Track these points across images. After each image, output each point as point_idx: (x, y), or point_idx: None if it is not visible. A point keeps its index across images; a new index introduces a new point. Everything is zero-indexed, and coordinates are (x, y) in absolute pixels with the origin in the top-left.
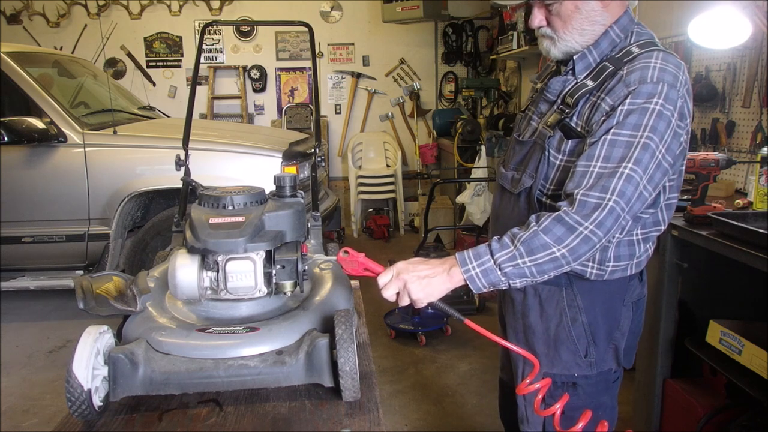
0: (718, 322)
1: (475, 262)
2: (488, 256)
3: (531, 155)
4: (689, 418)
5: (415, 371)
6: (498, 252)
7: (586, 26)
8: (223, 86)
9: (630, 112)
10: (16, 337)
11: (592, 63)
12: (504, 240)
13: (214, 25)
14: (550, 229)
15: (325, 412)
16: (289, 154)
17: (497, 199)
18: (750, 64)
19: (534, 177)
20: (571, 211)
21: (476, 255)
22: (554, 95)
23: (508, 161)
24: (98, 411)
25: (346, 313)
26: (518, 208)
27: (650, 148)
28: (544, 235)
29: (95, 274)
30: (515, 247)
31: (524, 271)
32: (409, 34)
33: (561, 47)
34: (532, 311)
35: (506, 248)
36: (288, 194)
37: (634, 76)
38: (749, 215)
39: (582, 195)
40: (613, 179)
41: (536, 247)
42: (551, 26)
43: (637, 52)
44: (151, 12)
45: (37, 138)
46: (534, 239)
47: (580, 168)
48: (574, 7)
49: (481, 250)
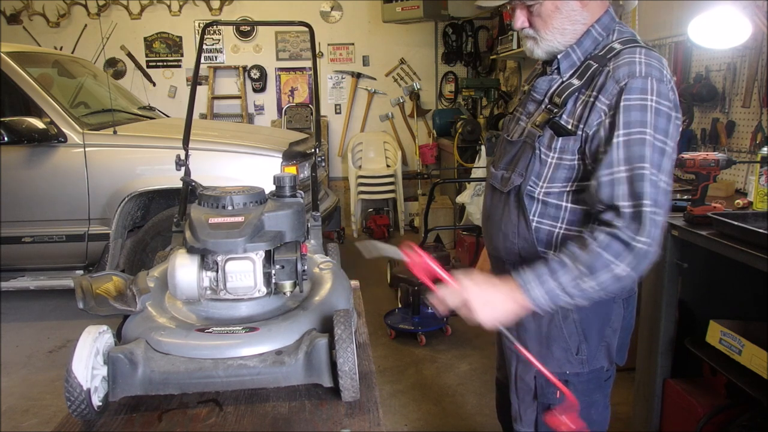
0: (718, 322)
1: (539, 286)
2: (550, 278)
3: (521, 154)
4: (689, 418)
5: (415, 371)
6: (560, 274)
7: (566, 26)
8: (223, 86)
9: (630, 108)
10: (16, 337)
11: (576, 61)
12: (563, 259)
13: (214, 25)
14: (612, 248)
15: (324, 412)
16: (289, 154)
17: (488, 198)
18: (750, 64)
19: (524, 175)
20: (623, 227)
21: (538, 277)
22: (541, 95)
23: (498, 161)
24: (98, 411)
25: (345, 313)
26: (508, 207)
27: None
28: (606, 254)
29: (95, 274)
30: (577, 268)
31: (588, 291)
32: (409, 34)
33: (544, 47)
34: None
35: (567, 269)
36: (288, 194)
37: (622, 71)
38: (749, 215)
39: (628, 207)
40: (642, 183)
41: (599, 269)
42: (533, 27)
43: (620, 48)
44: (151, 12)
45: (37, 138)
46: (597, 261)
47: (605, 177)
48: (554, 8)
49: (541, 271)
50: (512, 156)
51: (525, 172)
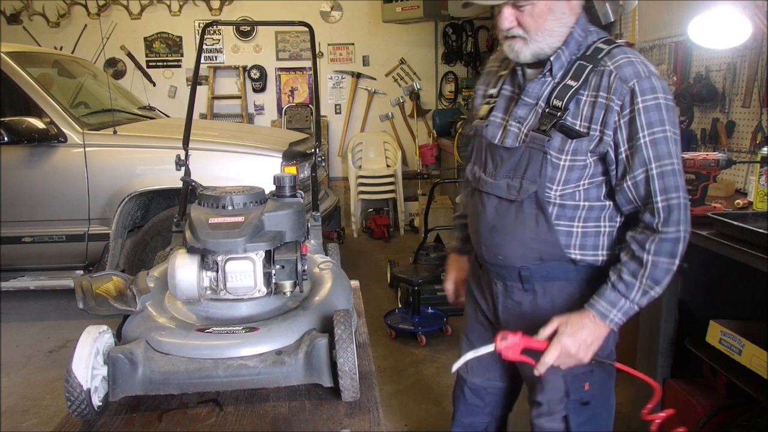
0: (718, 322)
1: (616, 311)
2: (624, 300)
3: (529, 161)
4: (689, 418)
5: (415, 371)
6: (630, 293)
7: (556, 27)
8: (223, 86)
9: (648, 109)
10: (16, 337)
11: (564, 63)
12: (625, 278)
13: (214, 25)
14: (663, 251)
15: (324, 412)
16: (289, 154)
17: (489, 209)
18: (750, 64)
19: (537, 182)
20: (661, 225)
21: (612, 304)
22: (534, 98)
23: (490, 169)
24: (97, 411)
25: (345, 313)
26: (522, 215)
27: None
28: (661, 259)
29: (95, 274)
30: (642, 283)
31: (653, 296)
32: (409, 34)
33: (533, 48)
34: (544, 309)
35: (634, 287)
36: (288, 194)
37: (627, 72)
38: (749, 215)
39: (662, 201)
40: (672, 177)
41: (661, 276)
42: (523, 27)
43: (608, 48)
44: (151, 12)
45: (37, 138)
46: (656, 270)
47: (640, 175)
48: (548, 8)
49: (613, 297)
50: (515, 163)
51: (538, 178)
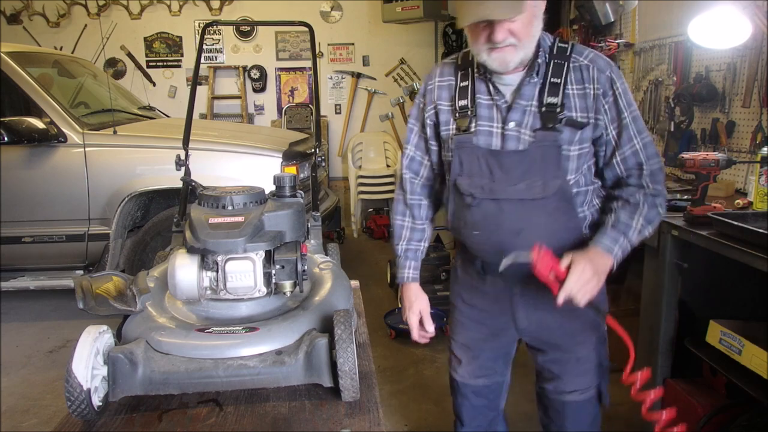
0: (718, 322)
1: (617, 247)
2: (623, 237)
3: (545, 159)
4: (689, 418)
5: (415, 371)
6: (629, 231)
7: (537, 32)
8: (223, 86)
9: (624, 92)
10: (16, 337)
11: (544, 63)
12: (623, 219)
13: (215, 25)
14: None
15: (324, 412)
16: (289, 154)
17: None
18: (750, 64)
19: (559, 176)
20: (651, 183)
21: (614, 240)
22: (528, 100)
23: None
24: (97, 411)
25: (345, 313)
26: (548, 210)
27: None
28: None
29: (95, 274)
30: (638, 222)
31: (645, 235)
32: (409, 34)
33: (521, 55)
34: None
35: (631, 226)
36: (288, 194)
37: (601, 63)
38: (749, 215)
39: (649, 166)
40: (651, 146)
41: (653, 216)
42: (515, 35)
43: (567, 46)
44: (151, 12)
45: (37, 138)
46: (650, 212)
47: (628, 150)
48: (532, 15)
49: (615, 234)
50: (529, 164)
51: (559, 172)
